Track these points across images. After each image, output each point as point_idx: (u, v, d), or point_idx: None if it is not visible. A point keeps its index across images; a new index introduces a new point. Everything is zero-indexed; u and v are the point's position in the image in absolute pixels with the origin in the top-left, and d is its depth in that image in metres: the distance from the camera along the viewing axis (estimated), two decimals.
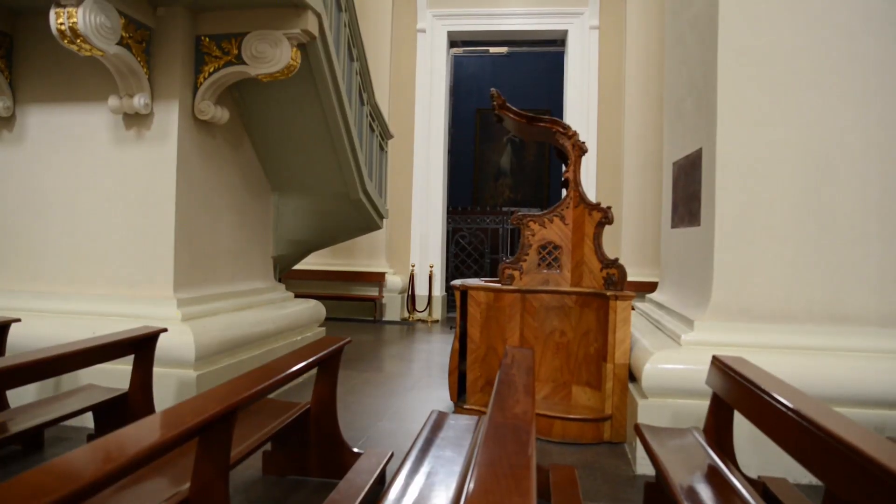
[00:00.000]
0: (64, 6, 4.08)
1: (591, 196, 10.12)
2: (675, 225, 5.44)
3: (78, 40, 4.15)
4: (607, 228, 4.93)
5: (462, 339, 5.11)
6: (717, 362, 3.20)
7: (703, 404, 3.43)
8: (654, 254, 9.02)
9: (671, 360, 3.98)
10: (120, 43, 4.46)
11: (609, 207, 4.87)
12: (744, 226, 4.15)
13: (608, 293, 4.59)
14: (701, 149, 4.62)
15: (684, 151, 5.14)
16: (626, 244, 10.09)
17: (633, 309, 4.98)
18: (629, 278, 4.95)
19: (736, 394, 2.89)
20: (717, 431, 3.16)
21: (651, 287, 6.83)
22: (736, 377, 2.87)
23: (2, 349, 4.33)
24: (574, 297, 4.84)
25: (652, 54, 10.00)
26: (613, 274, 4.74)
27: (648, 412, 3.93)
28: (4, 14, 5.03)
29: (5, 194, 5.16)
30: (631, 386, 4.45)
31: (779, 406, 2.35)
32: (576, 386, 4.83)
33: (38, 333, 4.59)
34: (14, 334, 4.40)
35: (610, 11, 10.71)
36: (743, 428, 3.19)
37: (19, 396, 4.36)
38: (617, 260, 4.80)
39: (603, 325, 4.64)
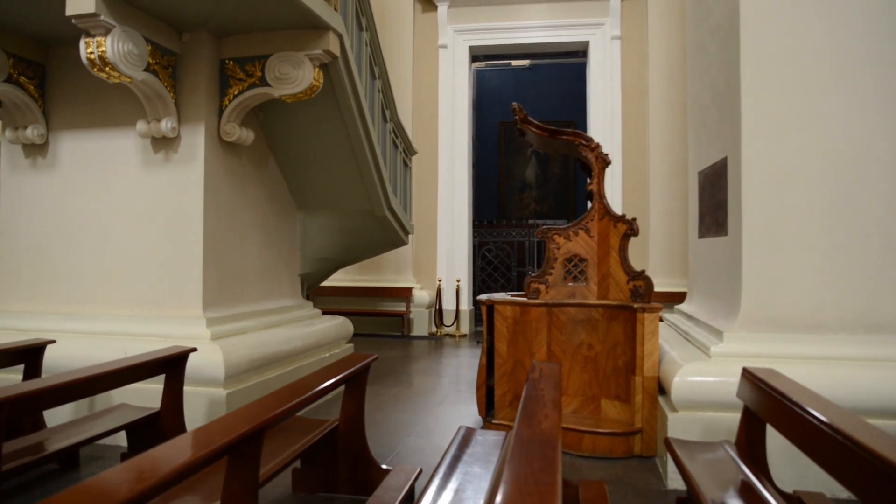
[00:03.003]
0: (93, 35, 4.19)
1: (617, 207, 10.08)
2: (702, 235, 5.39)
3: (107, 68, 4.25)
4: (634, 238, 4.90)
5: (489, 354, 5.10)
6: (747, 374, 3.16)
7: (735, 417, 3.39)
8: (682, 263, 8.94)
9: (701, 372, 3.93)
10: (147, 69, 4.57)
11: (634, 219, 4.85)
12: (772, 234, 4.10)
13: (635, 305, 4.56)
14: (726, 157, 4.58)
15: (709, 160, 5.10)
16: (653, 254, 10.01)
17: (661, 320, 4.93)
18: (657, 289, 4.92)
19: (767, 406, 2.85)
20: (750, 445, 3.11)
21: (680, 297, 6.77)
22: (767, 389, 2.83)
23: (38, 370, 4.43)
24: (601, 310, 4.81)
25: (675, 63, 9.96)
26: (640, 286, 4.71)
27: (679, 425, 3.89)
28: (37, 45, 5.18)
29: (40, 218, 5.30)
30: (661, 399, 4.41)
31: (812, 419, 2.31)
32: (605, 399, 4.79)
33: (72, 354, 4.69)
34: (49, 355, 4.50)
35: (631, 21, 10.69)
36: (777, 440, 3.13)
37: (55, 416, 4.45)
38: (643, 272, 4.77)
39: (631, 338, 4.61)
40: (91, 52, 4.21)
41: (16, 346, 4.29)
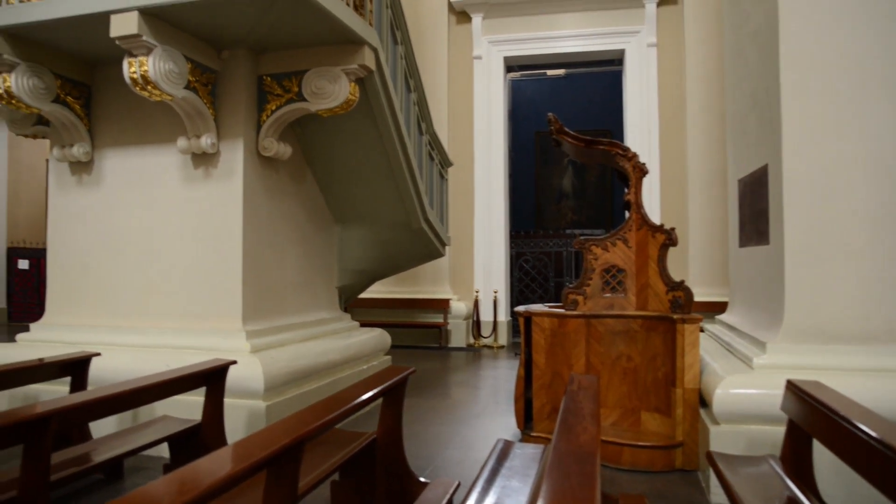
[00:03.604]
0: (136, 55, 4.31)
1: (656, 216, 9.96)
2: (743, 244, 5.30)
3: (149, 87, 4.37)
4: (673, 247, 4.83)
5: (527, 366, 5.07)
6: (791, 387, 3.08)
7: (780, 431, 3.31)
8: (722, 272, 8.78)
9: (743, 384, 3.85)
10: (187, 87, 4.67)
11: (672, 229, 4.79)
12: (815, 243, 4.00)
13: (675, 316, 4.49)
14: (766, 165, 4.50)
15: (749, 168, 5.02)
16: (693, 263, 9.87)
17: (701, 331, 4.85)
18: (697, 298, 4.84)
19: (813, 420, 2.78)
20: (795, 460, 3.03)
21: (721, 307, 6.64)
22: (813, 403, 2.76)
23: (84, 382, 4.54)
24: (640, 321, 4.75)
25: (712, 70, 9.84)
26: (679, 296, 4.64)
27: (721, 439, 3.81)
28: (83, 66, 5.34)
29: (85, 234, 5.44)
30: (702, 411, 4.33)
31: (860, 434, 2.25)
32: (644, 412, 4.72)
33: (116, 366, 4.79)
34: (95, 367, 4.60)
35: (667, 28, 10.59)
36: (824, 455, 3.04)
37: (101, 427, 4.55)
38: (683, 282, 4.70)
39: (670, 349, 4.54)
40: (134, 72, 4.32)
41: (63, 359, 4.41)
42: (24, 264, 13.74)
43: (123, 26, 4.20)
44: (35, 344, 5.34)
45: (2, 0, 4.62)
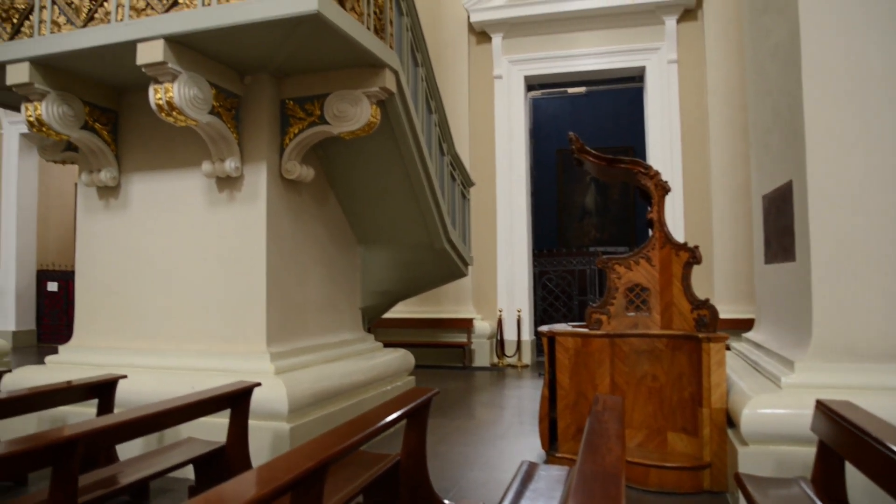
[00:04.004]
0: (161, 82, 4.40)
1: (679, 233, 9.88)
2: (768, 260, 5.24)
3: (174, 112, 4.45)
4: (698, 265, 4.79)
5: (551, 386, 5.04)
6: (821, 407, 3.03)
7: (810, 452, 3.24)
8: (748, 289, 8.67)
9: (771, 404, 3.78)
10: (211, 112, 4.75)
11: (696, 247, 4.75)
12: (843, 259, 3.94)
13: (700, 335, 4.44)
14: (791, 181, 4.45)
15: (773, 184, 4.97)
16: (718, 280, 9.75)
17: (727, 349, 4.79)
18: (723, 315, 4.79)
19: (845, 442, 2.72)
20: (827, 482, 2.97)
21: (747, 324, 6.55)
22: (844, 424, 2.70)
23: (111, 404, 4.59)
24: (665, 340, 4.70)
25: (734, 85, 9.79)
26: (705, 315, 4.59)
27: (750, 460, 3.74)
28: (111, 93, 5.46)
29: (113, 257, 5.53)
30: (730, 432, 4.26)
31: (894, 456, 2.20)
32: (671, 432, 4.66)
33: (142, 389, 4.84)
34: (121, 389, 4.66)
35: (687, 44, 10.56)
36: (857, 478, 2.97)
37: (127, 449, 4.59)
38: (708, 300, 4.65)
39: (696, 369, 4.48)
40: (159, 98, 4.41)
41: (90, 381, 4.46)
42: (53, 286, 13.99)
43: (149, 54, 4.30)
44: (63, 366, 5.42)
45: (33, 31, 4.75)
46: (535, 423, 6.20)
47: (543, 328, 5.12)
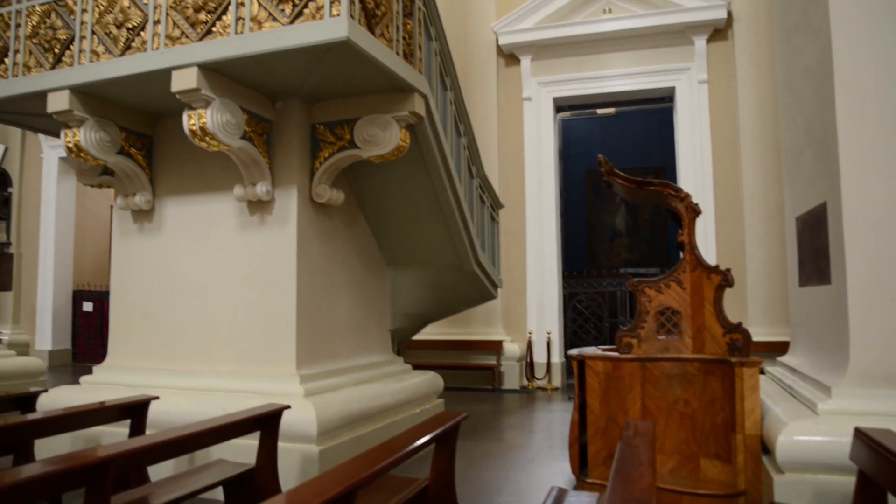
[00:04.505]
0: (195, 108, 4.49)
1: (711, 254, 9.75)
2: (803, 283, 5.14)
3: (207, 138, 4.54)
4: (731, 287, 4.72)
5: (581, 410, 4.98)
6: (860, 435, 2.94)
7: (849, 481, 3.15)
8: (783, 311, 8.51)
9: (808, 431, 3.70)
10: (243, 137, 4.83)
11: (728, 270, 4.68)
12: (881, 282, 3.86)
13: (733, 360, 4.36)
14: (825, 202, 4.39)
15: (807, 205, 4.90)
16: (752, 302, 9.59)
17: (761, 373, 4.70)
18: (757, 338, 4.71)
19: (887, 472, 2.64)
20: None
21: (782, 347, 6.43)
22: (885, 453, 2.63)
23: (143, 425, 4.64)
24: (696, 365, 4.63)
25: (765, 104, 9.69)
26: (737, 339, 4.51)
27: (786, 489, 3.65)
28: (146, 119, 5.59)
29: (146, 279, 5.63)
30: (765, 459, 4.17)
31: None
32: (704, 458, 4.57)
33: (174, 410, 4.90)
34: (153, 410, 4.71)
35: (717, 64, 10.49)
36: None
37: (158, 469, 4.63)
38: (740, 324, 4.57)
39: (729, 394, 4.40)
40: (193, 124, 4.50)
41: (123, 402, 4.52)
42: (88, 306, 14.27)
43: (184, 81, 4.41)
44: (97, 386, 5.51)
45: (74, 60, 4.90)
46: (564, 447, 6.13)
47: (573, 351, 5.08)
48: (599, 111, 12.50)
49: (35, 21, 5.12)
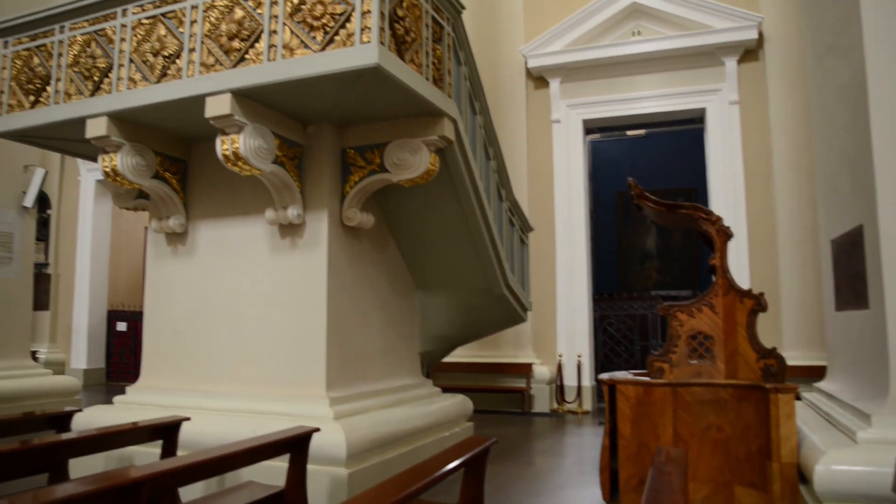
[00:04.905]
0: (228, 133, 4.58)
1: (745, 277, 9.59)
2: (839, 307, 5.04)
3: (239, 162, 4.62)
4: (765, 311, 4.65)
5: (612, 435, 4.92)
6: None
7: None
8: (819, 335, 8.32)
9: (847, 460, 3.61)
10: (275, 161, 4.91)
11: (762, 294, 4.61)
12: None
13: (767, 386, 4.28)
14: (861, 225, 4.31)
15: (842, 228, 4.81)
16: (787, 326, 9.40)
17: (797, 399, 4.60)
18: (793, 362, 4.62)
19: None
20: None
21: (818, 371, 6.30)
22: None
23: (174, 446, 4.69)
24: (730, 390, 4.55)
25: (798, 126, 9.55)
26: (772, 364, 4.43)
27: None
28: (180, 144, 5.71)
29: (179, 301, 5.72)
30: (802, 488, 4.07)
31: None
32: (738, 487, 4.47)
33: (204, 431, 4.93)
34: (184, 431, 4.75)
35: (749, 85, 10.40)
36: None
37: (188, 490, 4.66)
38: (775, 349, 4.49)
39: (764, 420, 4.31)
40: (226, 149, 4.59)
41: (155, 423, 4.57)
42: (122, 326, 14.52)
43: (217, 107, 4.50)
44: (130, 406, 5.59)
45: (111, 88, 5.03)
46: (595, 472, 6.05)
47: (604, 376, 5.03)
48: (629, 133, 12.45)
49: (76, 50, 5.27)
